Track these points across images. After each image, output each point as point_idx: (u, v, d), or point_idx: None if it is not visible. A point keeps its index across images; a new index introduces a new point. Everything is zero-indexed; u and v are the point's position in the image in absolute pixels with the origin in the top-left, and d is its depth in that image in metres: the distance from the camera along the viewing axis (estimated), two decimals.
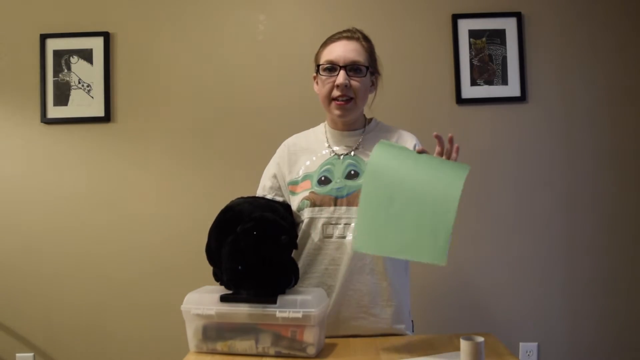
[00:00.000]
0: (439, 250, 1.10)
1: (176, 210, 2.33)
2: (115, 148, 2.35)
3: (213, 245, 1.27)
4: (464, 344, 1.02)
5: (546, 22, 2.33)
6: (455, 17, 2.32)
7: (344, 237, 1.34)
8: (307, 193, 1.38)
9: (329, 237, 1.35)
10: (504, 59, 2.32)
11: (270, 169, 1.50)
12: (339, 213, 1.34)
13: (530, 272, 2.30)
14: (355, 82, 1.36)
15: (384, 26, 2.32)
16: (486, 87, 2.31)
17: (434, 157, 1.21)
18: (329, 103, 1.39)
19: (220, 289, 1.24)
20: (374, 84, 1.45)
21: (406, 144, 1.41)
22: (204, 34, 2.36)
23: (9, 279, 2.33)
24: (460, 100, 2.31)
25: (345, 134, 1.44)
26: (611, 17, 2.32)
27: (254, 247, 1.15)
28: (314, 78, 1.45)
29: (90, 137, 2.35)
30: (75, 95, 2.34)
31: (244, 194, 1.38)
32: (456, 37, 2.31)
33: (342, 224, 1.34)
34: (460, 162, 1.18)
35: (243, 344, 1.18)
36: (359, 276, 1.34)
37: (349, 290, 1.34)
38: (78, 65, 2.35)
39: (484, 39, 2.32)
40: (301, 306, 1.14)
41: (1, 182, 2.36)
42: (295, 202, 1.40)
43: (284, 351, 1.16)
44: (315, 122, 1.53)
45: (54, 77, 2.35)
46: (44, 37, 2.34)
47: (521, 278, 2.30)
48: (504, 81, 2.31)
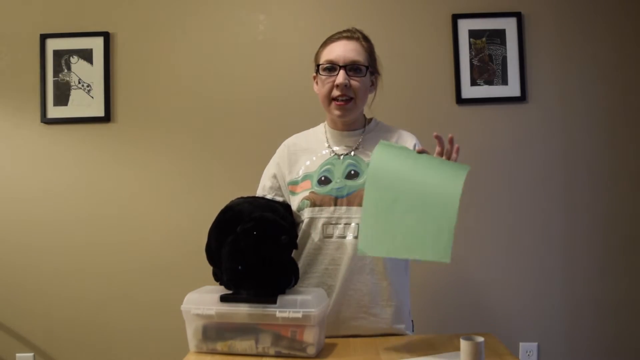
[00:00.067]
0: (443, 248, 1.11)
1: (176, 210, 2.33)
2: (115, 148, 2.35)
3: (213, 245, 1.27)
4: (464, 344, 1.02)
5: (546, 22, 2.33)
6: (455, 17, 2.32)
7: (344, 237, 1.34)
8: (307, 193, 1.38)
9: (329, 237, 1.35)
10: (504, 59, 2.31)
11: (270, 169, 1.50)
12: (339, 213, 1.34)
13: (530, 272, 2.30)
14: (355, 82, 1.36)
15: (384, 26, 2.32)
16: (486, 87, 2.31)
17: (434, 157, 1.21)
18: (329, 103, 1.39)
19: (220, 289, 1.24)
20: (373, 84, 1.45)
21: (406, 143, 1.42)
22: (204, 34, 2.36)
23: (9, 278, 2.34)
24: (460, 100, 2.31)
25: (345, 134, 1.44)
26: (611, 17, 2.32)
27: (254, 247, 1.15)
28: (314, 78, 1.45)
29: (90, 137, 2.35)
30: (75, 95, 2.35)
31: (244, 194, 1.38)
32: (456, 37, 2.31)
33: (342, 224, 1.34)
34: (460, 163, 1.19)
35: (243, 344, 1.18)
36: (359, 276, 1.34)
37: (349, 290, 1.34)
38: (78, 65, 2.35)
39: (484, 39, 2.32)
40: (301, 306, 1.14)
41: (1, 182, 2.36)
42: (295, 202, 1.40)
43: (284, 351, 1.16)
44: (315, 122, 1.53)
45: (54, 77, 2.35)
46: (44, 37, 2.34)
47: (521, 278, 2.30)
48: (504, 81, 2.31)
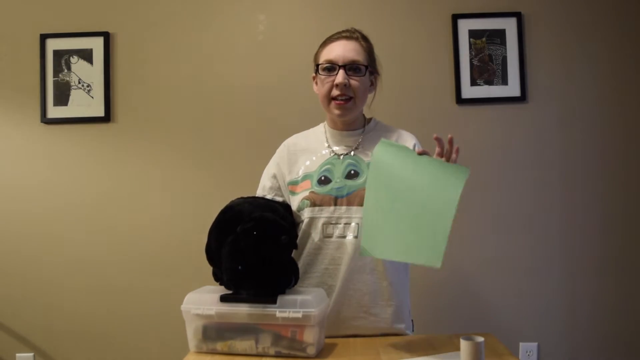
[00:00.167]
0: (436, 253, 1.10)
1: (176, 210, 2.33)
2: (115, 148, 2.35)
3: (213, 245, 1.26)
4: (464, 344, 1.02)
5: (546, 22, 2.32)
6: (455, 17, 2.32)
7: (344, 236, 1.34)
8: (307, 193, 1.38)
9: (329, 236, 1.35)
10: (504, 59, 2.31)
11: (270, 169, 1.50)
12: (339, 213, 1.34)
13: (530, 272, 2.30)
14: (354, 82, 1.36)
15: (384, 26, 2.32)
16: (486, 87, 2.31)
17: (434, 159, 1.20)
18: (329, 103, 1.39)
19: (220, 289, 1.24)
20: (373, 84, 1.45)
21: (406, 143, 1.41)
22: (204, 34, 2.36)
23: (8, 278, 2.34)
24: (460, 100, 2.31)
25: (345, 134, 1.44)
26: (611, 17, 2.32)
27: (254, 247, 1.15)
28: (314, 78, 1.45)
29: (90, 137, 2.35)
30: (75, 95, 2.34)
31: (244, 194, 1.38)
32: (456, 37, 2.31)
33: (342, 224, 1.34)
34: (461, 165, 1.17)
35: (243, 344, 1.18)
36: (359, 276, 1.34)
37: (349, 290, 1.34)
38: (78, 65, 2.35)
39: (484, 39, 2.32)
40: (301, 306, 1.13)
41: (1, 182, 2.36)
42: (295, 202, 1.40)
43: (284, 351, 1.16)
44: (315, 122, 1.53)
45: (54, 77, 2.35)
46: (44, 37, 2.34)
47: (521, 278, 2.30)
48: (504, 81, 2.31)
